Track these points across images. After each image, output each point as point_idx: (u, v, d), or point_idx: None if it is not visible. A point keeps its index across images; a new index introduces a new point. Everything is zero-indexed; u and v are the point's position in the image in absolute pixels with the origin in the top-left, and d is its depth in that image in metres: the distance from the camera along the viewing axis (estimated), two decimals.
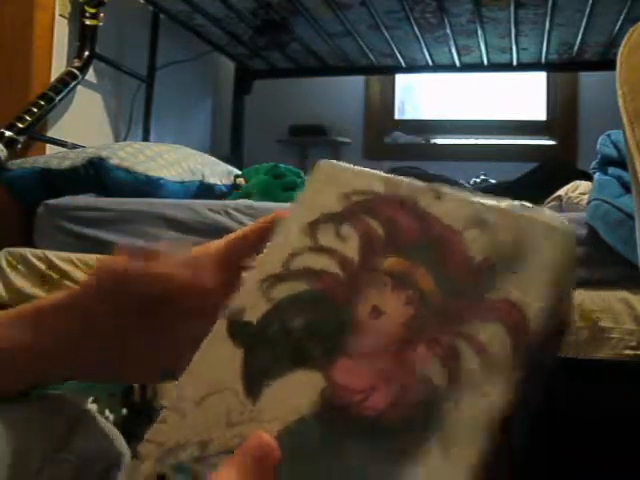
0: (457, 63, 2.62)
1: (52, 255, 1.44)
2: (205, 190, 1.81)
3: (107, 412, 1.09)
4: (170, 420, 0.31)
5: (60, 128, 1.94)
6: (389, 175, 0.34)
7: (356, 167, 0.35)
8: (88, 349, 0.41)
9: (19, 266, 1.45)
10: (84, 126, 2.06)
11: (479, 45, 2.41)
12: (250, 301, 0.32)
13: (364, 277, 0.31)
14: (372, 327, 0.30)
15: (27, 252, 1.46)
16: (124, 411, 1.12)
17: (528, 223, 0.29)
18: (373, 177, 0.34)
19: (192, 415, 0.31)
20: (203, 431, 0.30)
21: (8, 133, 1.65)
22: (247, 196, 1.75)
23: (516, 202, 0.30)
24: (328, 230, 0.33)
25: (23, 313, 0.43)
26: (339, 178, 0.34)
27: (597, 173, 1.33)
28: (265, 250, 0.33)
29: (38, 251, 1.46)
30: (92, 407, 1.06)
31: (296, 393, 0.29)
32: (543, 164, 2.11)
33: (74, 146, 1.89)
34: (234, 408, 0.30)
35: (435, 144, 3.15)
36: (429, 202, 0.32)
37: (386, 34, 2.37)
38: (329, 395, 0.29)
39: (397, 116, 3.23)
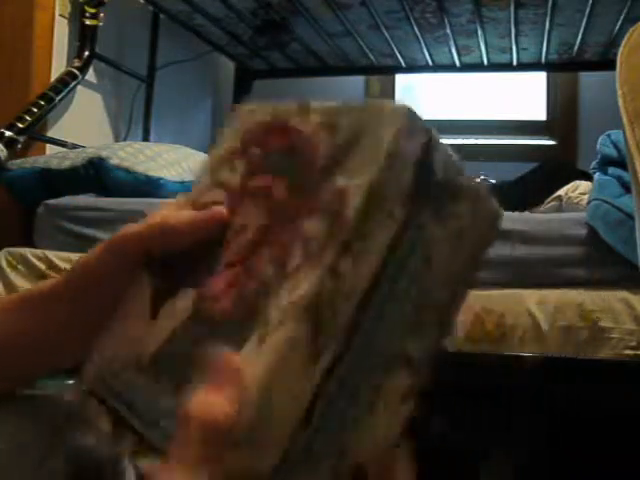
0: (457, 63, 2.62)
1: (52, 255, 1.44)
2: None
3: None
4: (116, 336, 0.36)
5: (60, 128, 1.94)
6: (279, 105, 0.36)
7: (260, 104, 0.38)
8: (74, 336, 0.41)
9: (19, 266, 1.45)
10: (84, 126, 2.06)
11: (479, 45, 2.41)
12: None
13: (240, 200, 0.34)
14: (236, 241, 0.32)
15: (27, 252, 1.46)
16: None
17: (369, 114, 0.30)
18: (281, 107, 0.35)
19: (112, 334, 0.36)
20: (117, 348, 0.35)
21: (8, 133, 1.65)
22: None
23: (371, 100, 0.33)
24: (226, 166, 0.36)
25: (7, 305, 0.43)
26: (243, 120, 0.39)
27: (597, 173, 1.33)
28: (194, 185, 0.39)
29: (38, 251, 1.46)
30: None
31: (179, 308, 0.33)
32: (543, 164, 2.11)
33: (74, 146, 1.89)
34: (139, 328, 0.34)
35: None
36: (298, 120, 0.33)
37: (386, 34, 2.37)
38: (197, 303, 0.32)
39: None
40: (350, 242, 0.28)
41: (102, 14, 1.99)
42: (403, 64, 2.69)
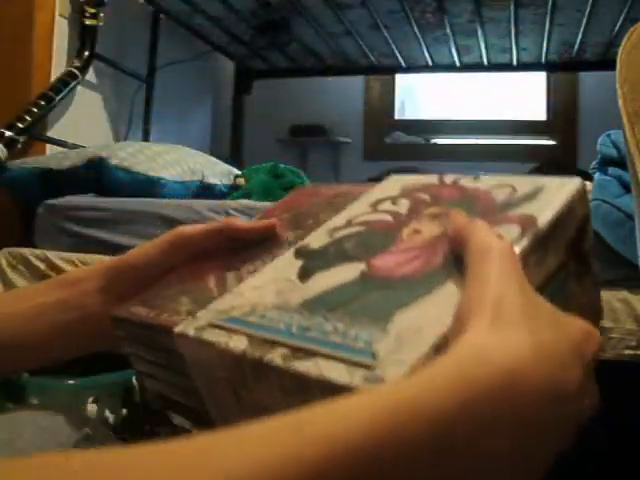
0: (457, 63, 2.62)
1: (52, 255, 1.44)
2: (205, 190, 1.81)
3: (107, 412, 1.09)
4: (228, 298, 0.39)
5: (60, 128, 1.94)
6: (440, 175, 0.44)
7: (416, 176, 0.45)
8: (82, 334, 0.46)
9: (19, 266, 1.45)
10: (84, 126, 2.06)
11: (479, 45, 2.41)
12: (316, 239, 0.42)
13: (409, 219, 0.40)
14: (411, 239, 0.38)
15: (27, 252, 1.46)
16: (124, 411, 1.12)
17: (546, 181, 0.38)
18: (430, 177, 0.44)
19: (248, 294, 0.38)
20: (255, 300, 0.37)
21: (8, 133, 1.65)
22: (247, 196, 1.75)
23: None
24: (387, 203, 0.43)
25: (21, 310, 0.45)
26: (402, 180, 0.46)
27: (597, 173, 1.33)
28: (332, 219, 0.44)
29: (38, 251, 1.46)
30: (92, 407, 1.06)
31: (340, 274, 0.36)
32: (543, 164, 2.11)
33: (74, 146, 1.89)
34: (285, 287, 0.37)
35: (435, 144, 3.15)
36: (468, 182, 0.41)
37: (386, 34, 2.37)
38: (367, 271, 0.36)
39: (397, 116, 3.23)
40: (544, 241, 0.34)
41: (102, 14, 1.99)
42: (403, 64, 2.69)
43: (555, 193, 0.37)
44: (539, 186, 0.38)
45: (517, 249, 0.32)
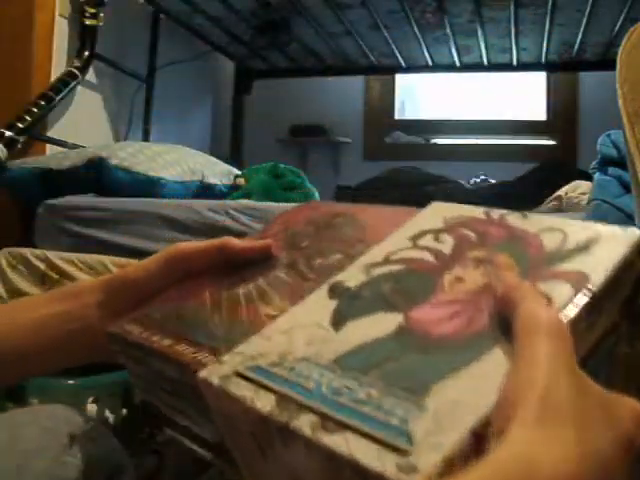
0: (457, 63, 2.62)
1: (52, 255, 1.44)
2: (205, 190, 1.81)
3: (107, 412, 1.09)
4: (254, 341, 0.36)
5: (60, 128, 1.94)
6: (484, 208, 0.42)
7: (462, 205, 0.43)
8: (82, 344, 0.47)
9: (19, 266, 1.45)
10: (84, 126, 2.06)
11: (479, 45, 2.41)
12: (352, 276, 0.39)
13: (452, 262, 0.37)
14: (453, 288, 0.35)
15: (27, 252, 1.46)
16: (124, 411, 1.12)
17: (600, 230, 0.36)
18: (474, 209, 0.42)
19: (276, 338, 0.35)
20: (284, 347, 0.34)
21: (8, 133, 1.65)
22: (247, 196, 1.75)
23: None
24: (428, 238, 0.40)
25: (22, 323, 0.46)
26: (445, 210, 0.43)
27: (597, 173, 1.33)
28: (370, 251, 0.41)
29: (38, 251, 1.46)
30: (92, 407, 1.06)
31: (375, 325, 0.34)
32: (543, 164, 2.11)
33: (74, 146, 1.89)
34: (316, 334, 0.35)
35: (435, 144, 3.15)
36: (516, 219, 0.39)
37: (386, 34, 2.37)
38: (405, 325, 0.33)
39: (397, 116, 3.23)
40: (597, 304, 0.31)
41: (102, 14, 1.99)
42: (403, 64, 2.69)
43: (611, 246, 0.34)
44: (593, 236, 0.35)
45: (567, 316, 0.30)
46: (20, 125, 1.69)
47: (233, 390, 0.33)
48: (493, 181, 2.34)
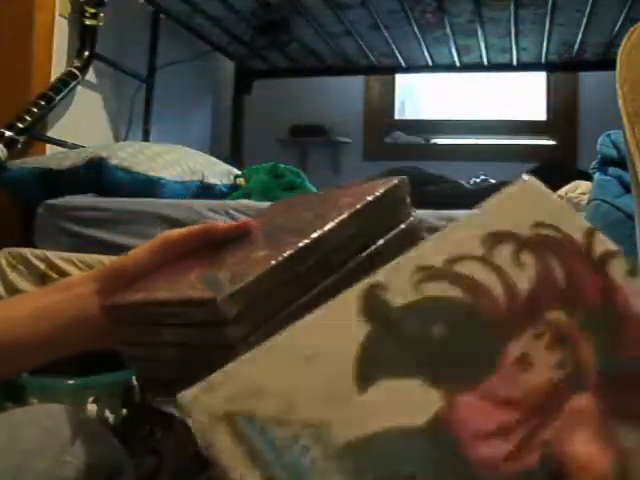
0: (457, 63, 2.62)
1: (52, 255, 1.44)
2: (205, 190, 1.81)
3: (107, 412, 1.09)
4: (260, 362, 0.28)
5: (60, 128, 1.94)
6: (589, 225, 0.32)
7: (559, 199, 0.33)
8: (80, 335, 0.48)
9: (19, 266, 1.45)
10: (84, 126, 2.06)
11: (479, 45, 2.41)
12: (397, 282, 0.29)
13: (524, 318, 0.29)
14: (514, 376, 0.27)
15: (27, 252, 1.46)
16: (124, 411, 1.12)
17: None
18: (573, 219, 0.32)
19: (286, 369, 0.27)
20: (292, 391, 0.27)
21: (8, 133, 1.65)
22: (247, 196, 1.75)
23: None
24: (507, 249, 0.30)
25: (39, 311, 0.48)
26: (537, 202, 0.33)
27: (597, 173, 1.33)
28: (435, 236, 0.31)
29: (38, 251, 1.46)
30: (92, 407, 1.06)
31: (410, 401, 0.27)
32: (543, 164, 2.11)
33: (74, 146, 1.89)
34: (337, 387, 0.27)
35: (435, 144, 3.15)
36: (621, 273, 0.30)
37: (386, 34, 2.37)
38: (444, 420, 0.26)
39: (397, 116, 3.23)
40: None
41: (102, 14, 1.99)
42: (403, 64, 2.69)
43: None
44: None
45: None
46: (20, 125, 1.69)
47: (217, 441, 0.26)
48: (493, 181, 2.34)
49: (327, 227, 0.42)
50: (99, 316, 0.47)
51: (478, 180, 2.39)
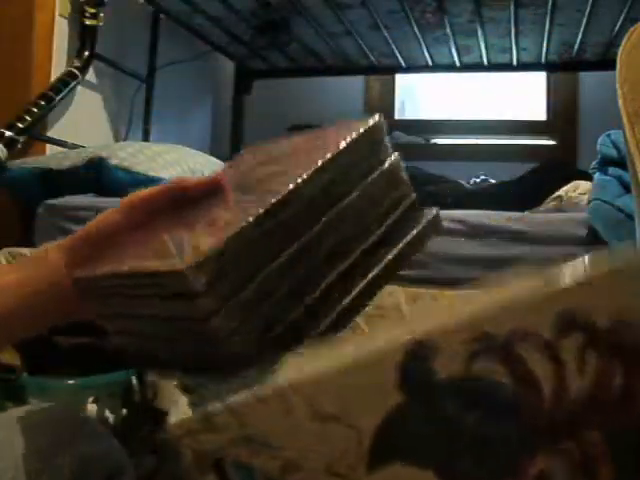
0: (457, 63, 2.62)
1: None
2: None
3: (107, 412, 1.09)
4: (270, 405, 0.24)
5: (60, 128, 1.94)
6: None
7: None
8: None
9: None
10: (84, 126, 2.06)
11: (479, 45, 2.41)
12: (448, 346, 0.25)
13: (562, 428, 0.24)
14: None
15: (27, 252, 1.46)
16: (124, 411, 1.12)
17: None
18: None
19: (298, 422, 0.24)
20: (298, 450, 0.23)
21: (8, 133, 1.65)
22: None
23: None
24: (577, 340, 0.25)
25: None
26: (629, 288, 0.25)
27: (597, 173, 1.33)
28: (498, 290, 0.27)
29: None
30: (92, 407, 1.06)
31: None
32: (543, 164, 2.11)
33: (74, 146, 1.89)
34: (346, 460, 0.24)
35: (435, 144, 3.15)
36: None
37: (386, 34, 2.37)
38: None
39: (397, 116, 3.23)
40: None
41: (102, 14, 1.99)
42: (403, 64, 2.69)
43: None
44: None
45: None
46: (20, 125, 1.69)
47: None
48: (493, 181, 2.33)
49: (300, 179, 0.39)
50: (71, 287, 0.47)
51: (478, 180, 2.39)
